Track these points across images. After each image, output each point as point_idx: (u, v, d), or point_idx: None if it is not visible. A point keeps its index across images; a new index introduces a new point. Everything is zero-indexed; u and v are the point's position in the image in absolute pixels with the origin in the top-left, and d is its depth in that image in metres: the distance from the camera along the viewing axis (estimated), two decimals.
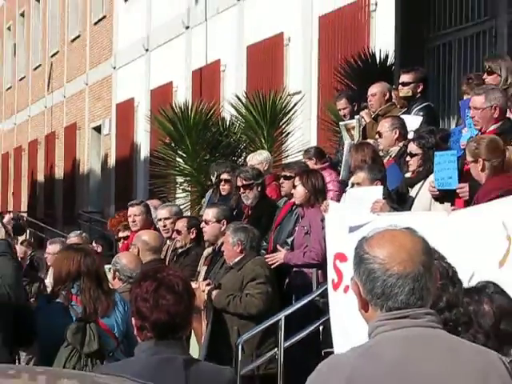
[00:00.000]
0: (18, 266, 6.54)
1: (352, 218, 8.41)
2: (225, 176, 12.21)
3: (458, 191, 8.40)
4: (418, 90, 10.93)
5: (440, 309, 4.06)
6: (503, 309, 4.59)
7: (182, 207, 13.29)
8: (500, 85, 9.51)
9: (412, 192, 9.17)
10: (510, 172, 7.95)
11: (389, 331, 3.28)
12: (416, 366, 3.22)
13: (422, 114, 10.66)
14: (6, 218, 6.80)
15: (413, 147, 9.25)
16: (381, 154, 10.08)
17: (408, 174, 9.33)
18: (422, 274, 3.28)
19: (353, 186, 9.52)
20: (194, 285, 8.93)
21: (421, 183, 9.04)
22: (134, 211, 11.87)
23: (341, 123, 11.76)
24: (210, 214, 10.43)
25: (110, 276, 7.87)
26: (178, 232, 10.89)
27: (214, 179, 13.08)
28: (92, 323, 6.61)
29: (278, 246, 10.13)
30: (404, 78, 11.07)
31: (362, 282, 3.34)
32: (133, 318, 4.60)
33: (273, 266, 9.76)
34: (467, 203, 8.18)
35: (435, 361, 3.23)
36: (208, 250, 10.44)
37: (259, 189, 11.03)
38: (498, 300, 4.61)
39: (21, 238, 14.26)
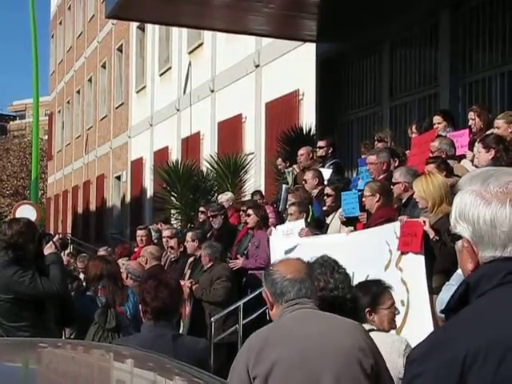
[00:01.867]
0: (64, 270, 6.45)
1: (286, 243, 8.51)
2: (201, 209, 12.18)
3: (359, 217, 8.41)
4: (329, 152, 10.97)
5: (330, 288, 4.24)
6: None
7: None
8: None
9: (328, 220, 9.18)
10: (393, 204, 7.97)
11: (287, 313, 3.65)
12: (302, 329, 3.57)
13: (332, 167, 10.69)
14: (56, 237, 6.71)
15: (328, 190, 9.26)
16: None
17: (325, 208, 9.33)
18: (305, 279, 3.70)
19: (287, 216, 9.55)
20: (182, 282, 8.89)
21: (333, 213, 9.05)
22: (141, 233, 11.75)
23: (285, 171, 11.78)
24: (188, 235, 10.40)
25: (123, 277, 7.78)
26: (172, 247, 10.81)
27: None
28: (112, 308, 6.54)
29: (238, 256, 10.11)
30: (320, 143, 11.11)
31: (268, 288, 3.77)
32: (140, 305, 4.57)
33: (234, 269, 9.73)
34: (365, 226, 8.20)
35: (313, 326, 3.59)
36: (190, 259, 10.38)
37: (222, 217, 11.02)
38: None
39: (66, 251, 14.13)
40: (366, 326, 4.39)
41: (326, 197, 9.23)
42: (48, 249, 6.29)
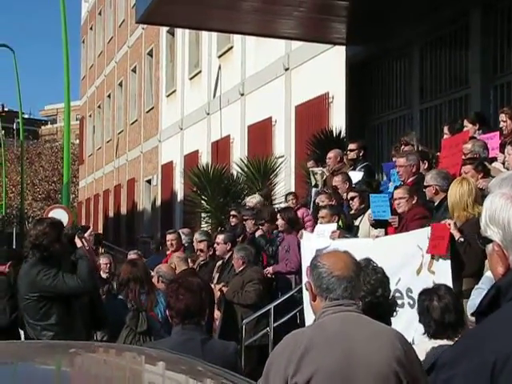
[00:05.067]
0: (90, 266, 6.36)
1: (318, 243, 8.47)
2: (233, 212, 12.18)
3: (390, 221, 8.37)
4: (360, 154, 10.92)
5: (376, 296, 4.17)
6: (448, 305, 4.63)
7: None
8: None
9: (356, 222, 9.17)
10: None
11: (330, 314, 3.49)
12: (347, 332, 3.44)
13: (363, 170, 10.64)
14: (88, 231, 6.71)
15: (351, 193, 9.32)
16: None
17: (352, 211, 9.33)
18: (353, 278, 3.53)
19: (319, 219, 9.52)
20: (212, 286, 8.92)
21: (362, 216, 9.06)
22: (170, 237, 11.69)
23: (310, 169, 11.74)
24: (220, 238, 10.38)
25: (154, 280, 7.81)
26: (201, 251, 10.82)
27: None
28: (143, 312, 6.58)
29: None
30: (351, 146, 11.06)
31: (313, 280, 3.56)
32: (167, 309, 4.64)
33: (269, 275, 9.79)
34: (396, 229, 8.16)
35: (357, 329, 3.47)
36: (219, 263, 10.38)
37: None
38: (445, 298, 4.65)
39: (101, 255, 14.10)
40: None
41: (351, 200, 9.24)
42: (77, 243, 6.35)
